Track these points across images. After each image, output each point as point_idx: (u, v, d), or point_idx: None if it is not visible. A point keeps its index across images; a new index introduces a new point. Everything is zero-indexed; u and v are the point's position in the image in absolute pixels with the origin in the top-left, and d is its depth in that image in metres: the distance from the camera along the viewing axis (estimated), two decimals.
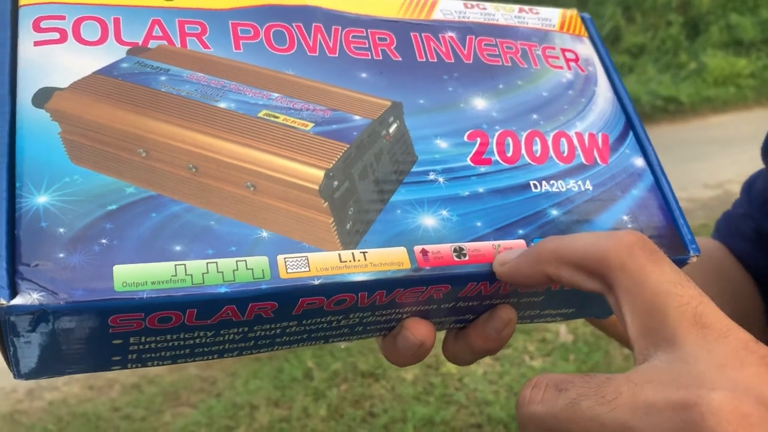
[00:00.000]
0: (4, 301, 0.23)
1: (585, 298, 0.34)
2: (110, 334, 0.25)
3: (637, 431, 0.22)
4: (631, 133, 0.37)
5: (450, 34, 0.37)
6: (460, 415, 2.65)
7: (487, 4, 0.40)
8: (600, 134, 0.36)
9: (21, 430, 3.04)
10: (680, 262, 0.34)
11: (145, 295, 0.24)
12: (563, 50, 0.39)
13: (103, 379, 3.43)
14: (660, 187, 0.36)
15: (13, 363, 0.26)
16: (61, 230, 0.25)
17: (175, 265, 0.25)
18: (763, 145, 0.53)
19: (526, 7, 0.41)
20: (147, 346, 0.27)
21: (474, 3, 0.39)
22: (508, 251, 0.30)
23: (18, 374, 0.27)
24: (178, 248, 0.26)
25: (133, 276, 0.25)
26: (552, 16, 0.41)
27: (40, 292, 0.23)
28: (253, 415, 3.05)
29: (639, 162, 0.36)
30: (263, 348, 0.31)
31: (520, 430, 0.26)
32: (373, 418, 2.95)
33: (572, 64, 0.39)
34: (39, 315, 0.23)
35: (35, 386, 3.41)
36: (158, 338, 0.27)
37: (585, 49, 0.40)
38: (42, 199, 0.25)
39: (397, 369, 3.28)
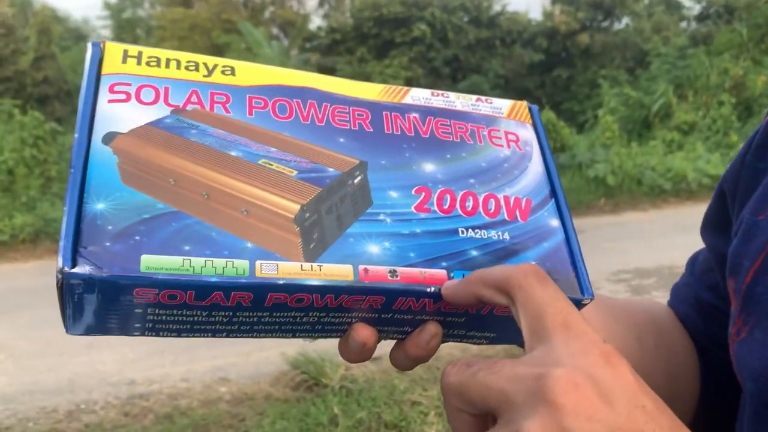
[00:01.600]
0: (67, 268, 0.34)
1: (500, 323, 0.44)
2: (134, 303, 0.37)
3: (508, 392, 0.32)
4: (552, 201, 0.47)
5: (414, 114, 0.48)
6: None
7: (451, 94, 0.51)
8: (525, 199, 0.47)
9: None
10: (577, 302, 0.44)
11: (160, 277, 0.36)
12: (506, 132, 0.50)
13: (139, 407, 3.55)
14: (569, 243, 0.46)
15: (67, 319, 0.38)
16: (110, 227, 0.37)
17: (183, 259, 0.37)
18: (701, 226, 0.62)
19: (483, 98, 0.51)
20: (159, 318, 0.38)
21: (439, 93, 0.51)
22: (452, 280, 0.41)
23: (69, 329, 0.39)
24: (187, 248, 0.37)
25: (154, 263, 0.36)
26: (503, 105, 0.51)
27: (91, 265, 0.35)
28: None
29: (554, 223, 0.46)
30: (245, 333, 0.41)
31: (442, 395, 0.37)
32: None
33: (512, 144, 0.49)
34: (88, 282, 0.35)
35: (74, 408, 3.55)
36: (167, 312, 0.38)
37: (526, 133, 0.50)
38: (100, 206, 0.37)
39: (421, 422, 3.31)
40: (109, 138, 0.40)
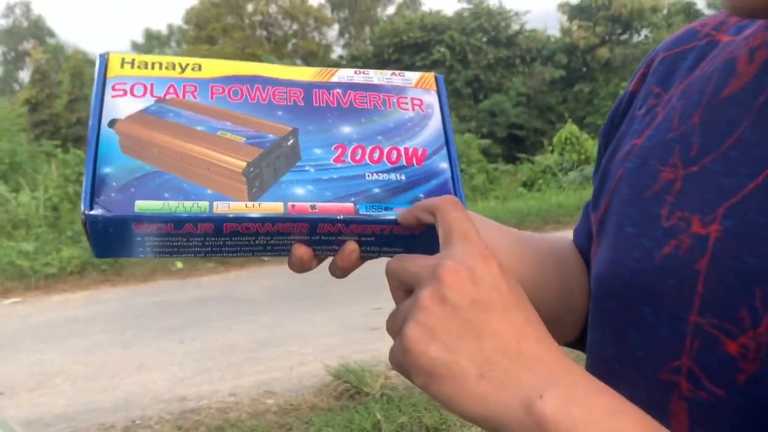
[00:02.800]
0: (87, 211, 0.51)
1: (402, 240, 0.59)
2: (135, 233, 0.54)
3: (419, 274, 0.48)
4: (444, 149, 0.62)
5: (338, 90, 0.63)
6: None
7: (371, 71, 0.65)
8: (421, 149, 0.61)
9: None
10: None
11: (148, 214, 0.53)
12: (413, 99, 0.64)
13: (191, 421, 3.72)
14: (454, 181, 0.61)
15: (92, 247, 0.55)
16: (114, 184, 0.53)
17: (163, 203, 0.53)
18: (593, 172, 0.78)
19: (397, 72, 0.65)
20: (154, 243, 0.55)
21: (361, 71, 0.65)
22: (402, 209, 0.57)
23: (94, 254, 0.56)
24: (166, 195, 0.54)
25: (144, 206, 0.53)
26: (413, 77, 0.66)
27: (102, 209, 0.52)
28: None
29: (444, 165, 0.61)
30: (216, 254, 0.58)
31: (387, 278, 0.52)
32: None
33: (417, 107, 0.64)
34: (101, 219, 0.52)
35: (131, 424, 3.74)
36: (158, 238, 0.55)
37: (430, 98, 0.65)
38: (108, 170, 0.54)
39: (461, 425, 3.42)
40: (112, 123, 0.57)
